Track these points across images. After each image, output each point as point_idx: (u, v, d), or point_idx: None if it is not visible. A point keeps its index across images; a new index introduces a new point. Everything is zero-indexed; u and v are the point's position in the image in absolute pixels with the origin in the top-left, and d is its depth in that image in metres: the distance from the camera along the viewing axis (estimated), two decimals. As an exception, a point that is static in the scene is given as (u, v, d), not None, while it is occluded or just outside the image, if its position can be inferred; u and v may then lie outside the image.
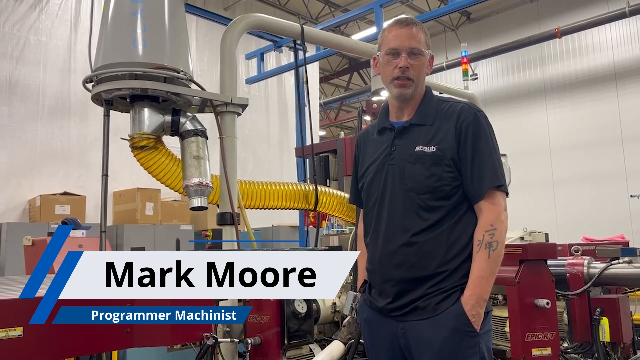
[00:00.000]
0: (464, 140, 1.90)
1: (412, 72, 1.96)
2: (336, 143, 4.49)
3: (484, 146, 1.90)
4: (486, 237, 1.86)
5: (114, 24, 2.92)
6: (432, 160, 1.90)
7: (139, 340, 2.03)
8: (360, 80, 16.46)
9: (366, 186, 2.10)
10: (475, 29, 14.00)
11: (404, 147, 1.98)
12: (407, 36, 1.97)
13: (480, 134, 1.92)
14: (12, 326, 1.71)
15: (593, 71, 11.90)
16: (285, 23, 3.89)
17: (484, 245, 1.85)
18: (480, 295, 1.83)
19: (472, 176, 1.89)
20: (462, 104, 2.00)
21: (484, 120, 1.95)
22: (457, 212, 1.91)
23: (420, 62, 1.99)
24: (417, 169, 1.92)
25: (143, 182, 6.24)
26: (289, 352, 2.80)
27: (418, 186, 1.91)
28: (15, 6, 7.19)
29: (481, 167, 1.89)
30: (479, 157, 1.89)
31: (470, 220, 1.92)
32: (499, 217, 1.88)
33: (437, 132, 1.94)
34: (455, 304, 1.83)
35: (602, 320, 3.05)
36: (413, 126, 2.00)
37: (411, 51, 1.96)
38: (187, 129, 2.98)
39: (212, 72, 9.17)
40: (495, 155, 1.93)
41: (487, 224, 1.87)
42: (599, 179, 11.37)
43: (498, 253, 1.86)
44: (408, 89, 1.98)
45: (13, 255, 5.70)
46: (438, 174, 1.89)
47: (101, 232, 2.81)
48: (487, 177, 1.88)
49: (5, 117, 6.93)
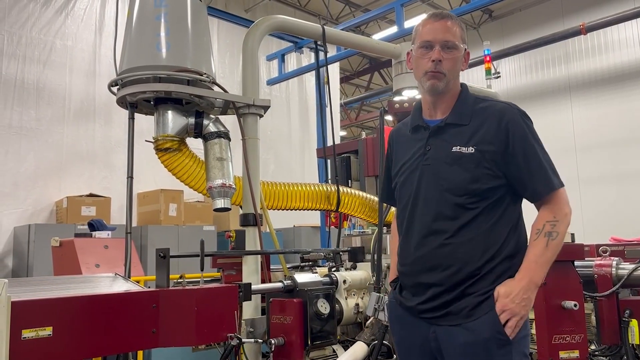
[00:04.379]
0: (512, 142, 1.85)
1: (445, 66, 1.91)
2: (357, 143, 4.48)
3: (534, 148, 1.87)
4: (547, 226, 1.82)
5: (138, 28, 2.96)
6: (471, 161, 1.86)
7: (165, 340, 2.06)
8: (381, 80, 16.40)
9: (399, 186, 2.06)
10: (498, 26, 13.83)
11: (439, 147, 1.94)
12: (441, 29, 1.93)
13: (529, 136, 1.88)
14: (42, 326, 1.74)
15: (619, 68, 11.65)
16: (307, 24, 3.89)
17: (544, 234, 1.81)
18: (531, 279, 1.78)
19: (529, 180, 1.86)
20: (503, 104, 1.95)
21: (528, 121, 1.92)
22: (494, 213, 1.87)
23: (455, 56, 1.93)
24: (455, 170, 1.87)
25: (166, 183, 6.32)
26: (312, 353, 2.80)
27: (455, 187, 1.87)
28: (42, 11, 7.34)
29: (539, 170, 1.86)
30: (533, 159, 1.86)
31: (508, 221, 1.88)
32: (563, 209, 1.85)
33: (476, 132, 1.89)
34: (490, 312, 1.78)
35: (632, 322, 2.98)
36: (449, 126, 1.95)
37: (445, 44, 1.91)
38: (210, 131, 3.01)
39: (234, 74, 9.23)
40: (546, 154, 1.91)
41: (550, 216, 1.84)
42: (626, 177, 11.13)
43: (557, 243, 1.81)
44: (440, 81, 1.93)
45: (41, 256, 5.81)
46: (478, 175, 1.85)
47: (127, 233, 2.85)
48: (549, 180, 1.86)
49: (32, 120, 7.08)
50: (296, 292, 2.85)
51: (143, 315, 2.03)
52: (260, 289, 2.88)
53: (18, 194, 6.85)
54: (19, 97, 6.99)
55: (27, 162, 6.97)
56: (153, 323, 2.04)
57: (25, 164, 6.96)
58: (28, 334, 1.70)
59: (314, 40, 3.99)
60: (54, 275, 3.80)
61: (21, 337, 1.69)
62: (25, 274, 6.05)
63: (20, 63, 7.06)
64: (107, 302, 1.95)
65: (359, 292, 3.24)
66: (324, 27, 3.90)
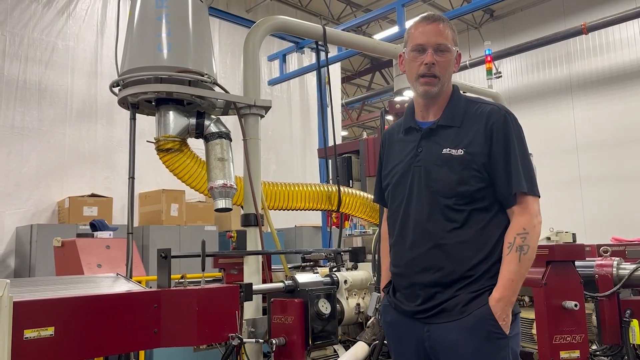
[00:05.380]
0: (495, 144, 1.87)
1: (438, 69, 1.93)
2: (359, 143, 4.49)
3: (514, 150, 1.87)
4: (517, 240, 1.83)
5: (139, 29, 2.97)
6: (460, 163, 1.87)
7: (166, 340, 2.07)
8: (382, 80, 16.40)
9: (391, 187, 2.08)
10: (499, 26, 13.82)
11: (430, 148, 1.95)
12: (433, 32, 1.94)
13: (510, 137, 1.88)
14: (44, 326, 1.75)
15: (621, 67, 11.63)
16: (308, 25, 3.89)
17: (515, 248, 1.82)
18: (509, 298, 1.81)
19: (503, 181, 1.86)
20: (491, 106, 1.96)
21: (514, 123, 1.91)
22: (486, 215, 1.89)
23: (447, 59, 1.95)
24: (444, 172, 1.89)
25: (168, 183, 6.33)
26: (313, 353, 2.81)
27: (445, 189, 1.88)
28: (44, 12, 7.35)
29: (512, 172, 1.86)
30: (510, 161, 1.86)
31: (499, 224, 1.89)
32: (532, 221, 1.85)
33: (466, 135, 1.91)
34: (483, 307, 1.80)
35: (632, 322, 2.98)
36: (440, 127, 1.97)
37: (438, 47, 1.93)
38: (212, 132, 3.01)
39: (235, 74, 9.24)
40: (526, 158, 1.89)
41: (520, 227, 1.84)
42: (627, 177, 11.11)
43: (529, 257, 1.83)
44: (434, 87, 1.95)
45: (43, 256, 5.82)
46: (465, 178, 1.86)
47: (128, 233, 2.86)
48: (519, 182, 1.85)
49: (35, 121, 7.10)
50: (297, 292, 2.85)
51: (145, 315, 2.03)
52: (262, 289, 2.89)
53: (20, 194, 6.87)
54: (21, 98, 7.01)
55: (29, 163, 6.99)
56: (155, 323, 2.05)
57: (28, 164, 6.98)
58: (30, 334, 1.71)
59: (315, 40, 3.99)
60: (56, 275, 3.81)
61: (23, 337, 1.69)
62: (28, 274, 6.06)
63: (23, 64, 7.08)
64: (109, 302, 1.96)
65: (360, 292, 3.24)
66: (325, 27, 3.90)
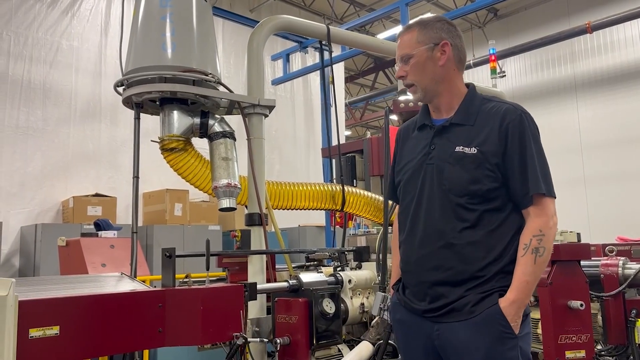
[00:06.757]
0: (510, 143, 1.85)
1: (410, 77, 2.00)
2: (362, 143, 4.48)
3: (530, 150, 1.85)
4: (534, 241, 1.81)
5: (144, 29, 2.97)
6: (473, 162, 1.86)
7: (171, 340, 2.07)
8: (386, 79, 16.38)
9: (403, 184, 2.07)
10: (503, 25, 13.79)
11: (443, 146, 1.94)
12: (400, 46, 2.03)
13: (526, 137, 1.86)
14: (49, 325, 1.75)
15: (625, 66, 11.59)
16: (312, 24, 3.89)
17: (531, 250, 1.81)
18: (523, 301, 1.80)
19: (519, 181, 1.85)
20: (507, 105, 1.94)
21: (530, 123, 1.89)
22: (499, 215, 1.87)
23: (413, 64, 1.97)
24: (457, 170, 1.87)
25: (172, 183, 6.35)
26: (318, 353, 2.80)
27: (457, 188, 1.87)
28: (48, 12, 7.38)
29: (529, 172, 1.84)
30: (526, 161, 1.84)
31: (511, 225, 1.88)
32: (548, 223, 1.84)
33: (479, 133, 1.89)
34: (493, 307, 1.79)
35: (638, 322, 2.97)
36: (454, 125, 1.95)
37: (401, 59, 2.01)
38: (216, 131, 3.01)
39: (239, 74, 9.25)
40: (543, 159, 1.88)
41: (536, 229, 1.82)
42: (633, 176, 11.07)
43: (544, 259, 1.82)
44: (416, 93, 2.02)
45: (47, 255, 5.85)
46: (478, 176, 1.85)
47: (132, 232, 2.86)
48: (536, 183, 1.84)
49: (39, 120, 7.13)
50: (301, 292, 2.85)
51: (149, 314, 2.03)
52: (266, 289, 2.89)
53: (25, 194, 6.90)
54: (26, 98, 7.04)
55: (33, 162, 7.02)
56: (159, 322, 2.05)
57: (32, 164, 7.01)
58: (35, 333, 1.71)
59: (319, 40, 3.99)
60: (60, 274, 3.82)
61: (28, 336, 1.69)
62: (32, 274, 6.09)
63: (27, 64, 7.11)
64: (114, 301, 1.96)
65: (364, 291, 3.24)
66: (329, 26, 3.89)
